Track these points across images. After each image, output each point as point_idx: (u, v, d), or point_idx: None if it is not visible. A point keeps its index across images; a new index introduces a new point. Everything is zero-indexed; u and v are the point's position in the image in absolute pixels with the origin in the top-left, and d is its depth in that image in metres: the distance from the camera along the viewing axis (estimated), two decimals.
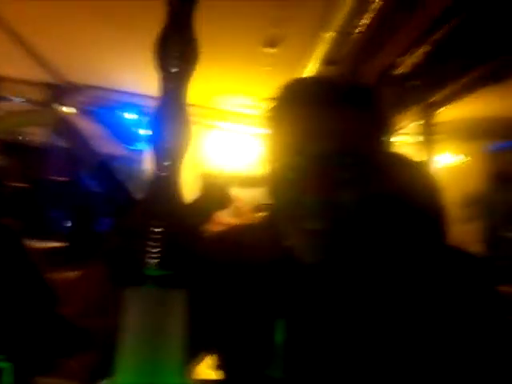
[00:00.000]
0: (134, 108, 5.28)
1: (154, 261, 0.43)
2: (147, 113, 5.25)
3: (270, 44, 3.35)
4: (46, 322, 0.87)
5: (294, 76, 0.82)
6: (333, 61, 3.28)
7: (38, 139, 5.81)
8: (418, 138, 3.71)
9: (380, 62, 3.47)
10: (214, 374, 0.92)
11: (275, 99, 0.76)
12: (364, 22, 2.94)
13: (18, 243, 0.96)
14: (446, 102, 3.67)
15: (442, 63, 3.28)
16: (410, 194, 0.77)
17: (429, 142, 3.65)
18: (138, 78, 4.68)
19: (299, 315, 0.74)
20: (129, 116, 5.41)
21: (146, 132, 5.12)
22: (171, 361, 0.44)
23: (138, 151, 5.59)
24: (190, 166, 0.45)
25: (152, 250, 0.43)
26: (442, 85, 3.47)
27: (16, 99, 4.62)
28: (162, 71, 0.40)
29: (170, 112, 0.41)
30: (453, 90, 3.57)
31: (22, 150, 6.26)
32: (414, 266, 0.72)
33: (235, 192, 5.08)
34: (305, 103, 0.71)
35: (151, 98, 5.01)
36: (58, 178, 5.57)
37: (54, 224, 5.16)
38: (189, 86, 0.41)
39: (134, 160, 5.27)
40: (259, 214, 5.27)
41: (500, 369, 0.68)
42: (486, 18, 2.53)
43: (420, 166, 0.90)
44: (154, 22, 0.49)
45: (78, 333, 0.88)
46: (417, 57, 3.30)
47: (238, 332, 0.79)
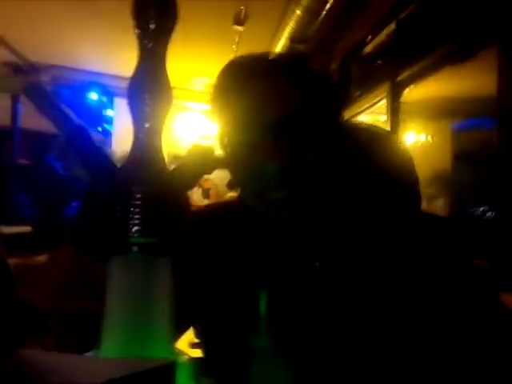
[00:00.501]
0: (99, 88, 5.15)
1: (136, 228, 0.42)
2: (112, 93, 5.14)
3: (239, 22, 3.32)
4: (2, 302, 0.86)
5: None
6: (301, 39, 3.27)
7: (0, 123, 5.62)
8: (385, 117, 3.76)
9: (347, 41, 3.48)
10: (192, 352, 0.93)
11: (220, 78, 0.77)
12: (331, 0, 2.93)
13: None
14: (412, 80, 3.71)
15: (408, 42, 3.32)
16: (384, 162, 0.78)
17: (395, 121, 3.70)
18: (103, 56, 4.57)
19: (281, 284, 0.75)
20: (93, 96, 5.28)
21: (111, 113, 5.02)
22: (158, 329, 0.44)
23: (104, 133, 5.48)
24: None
25: (134, 217, 0.42)
26: (408, 64, 3.51)
27: None
28: (140, 28, 0.39)
29: (149, 72, 0.40)
30: (419, 69, 3.61)
31: None
32: (391, 230, 0.74)
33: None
34: (247, 77, 0.73)
35: (116, 77, 4.90)
36: (22, 162, 5.41)
37: (20, 209, 5.02)
38: (168, 45, 0.40)
39: (101, 142, 5.16)
40: (229, 194, 5.28)
41: (477, 328, 0.70)
42: None
43: (393, 137, 0.92)
44: (118, 1, 0.48)
45: (34, 313, 0.87)
46: (383, 35, 3.33)
47: (221, 304, 0.79)
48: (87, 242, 0.75)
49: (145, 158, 0.42)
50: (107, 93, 5.28)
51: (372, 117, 4.09)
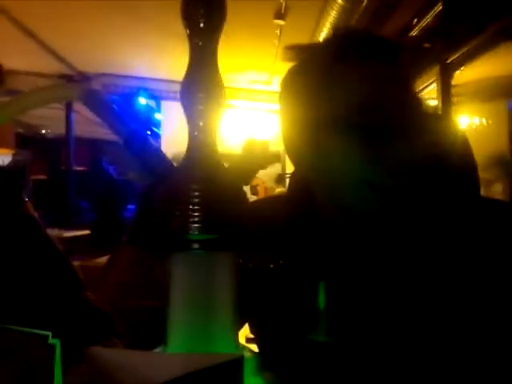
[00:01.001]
0: (147, 93, 5.28)
1: (196, 225, 0.43)
2: (159, 97, 5.25)
3: (280, 16, 3.31)
4: (70, 306, 0.89)
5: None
6: (344, 29, 3.22)
7: (56, 132, 5.87)
8: (435, 101, 3.64)
9: (392, 26, 3.39)
10: (249, 347, 0.93)
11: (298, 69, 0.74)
12: None
13: (38, 230, 0.97)
14: (463, 62, 3.58)
15: (456, 21, 3.20)
16: (443, 147, 0.75)
17: (447, 105, 3.58)
18: (149, 62, 4.68)
19: (340, 277, 0.74)
20: (142, 101, 5.42)
21: (159, 116, 5.13)
22: (222, 324, 0.45)
23: (153, 136, 5.61)
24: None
25: (194, 214, 0.43)
26: (457, 44, 3.38)
27: None
28: (190, 28, 0.40)
29: (201, 70, 0.41)
30: (470, 49, 3.48)
31: (41, 143, 6.34)
32: (451, 220, 0.71)
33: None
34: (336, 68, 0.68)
35: (163, 81, 5.01)
36: (79, 169, 5.64)
37: (78, 214, 5.24)
38: (217, 43, 0.41)
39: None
40: (277, 190, 5.28)
41: None
42: None
43: (445, 119, 0.89)
44: (161, 8, 0.48)
45: (103, 317, 0.89)
46: (430, 17, 3.22)
47: (279, 298, 0.79)
48: (146, 240, 0.76)
49: (201, 156, 0.43)
50: (154, 97, 5.41)
51: None
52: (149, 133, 5.73)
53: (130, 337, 0.84)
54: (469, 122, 4.68)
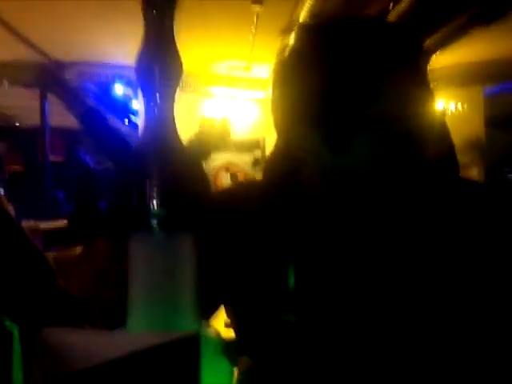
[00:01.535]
0: (124, 81, 5.20)
1: (156, 202, 0.42)
2: (137, 85, 5.18)
3: (257, 1, 3.28)
4: (42, 293, 0.88)
5: (281, 34, 0.78)
6: (322, 14, 3.21)
7: (31, 123, 5.76)
8: None
9: (369, 12, 3.39)
10: (227, 332, 0.94)
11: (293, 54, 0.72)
12: None
13: (11, 222, 0.96)
14: (438, 47, 3.60)
15: (431, 8, 3.21)
16: (418, 128, 0.75)
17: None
18: (125, 49, 4.59)
19: (311, 258, 0.74)
20: (119, 90, 5.34)
21: (137, 105, 5.05)
22: (181, 302, 0.44)
23: (130, 125, 5.54)
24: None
25: (154, 191, 0.42)
26: (432, 30, 3.40)
27: (5, 82, 4.56)
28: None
29: (156, 44, 0.40)
30: (444, 35, 3.50)
31: (16, 133, 6.22)
32: (431, 201, 0.71)
33: (231, 157, 5.06)
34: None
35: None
36: (55, 159, 5.55)
37: (55, 204, 5.16)
38: (175, 15, 0.40)
39: (130, 134, 5.23)
40: (258, 177, 5.27)
41: None
42: None
43: (427, 103, 0.88)
44: None
45: (75, 304, 0.89)
46: (405, 3, 3.22)
47: (250, 281, 0.79)
48: (116, 229, 0.76)
49: (157, 132, 0.42)
50: (132, 85, 5.33)
51: None
52: (126, 122, 5.66)
53: (102, 324, 0.84)
54: (445, 106, 4.73)
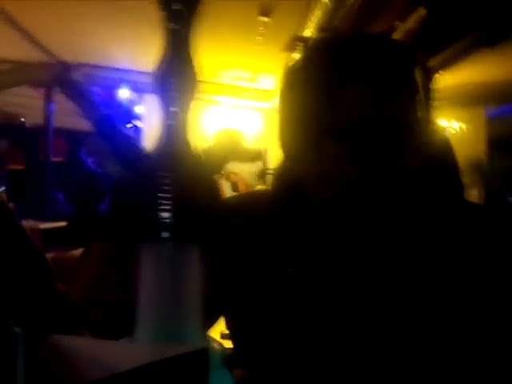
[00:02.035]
0: (129, 85, 5.22)
1: (166, 214, 0.43)
2: (142, 89, 5.20)
3: (264, 12, 3.30)
4: (40, 296, 0.88)
5: (285, 49, 0.79)
6: (328, 28, 3.23)
7: (34, 121, 5.77)
8: None
9: (376, 28, 3.42)
10: (223, 342, 0.94)
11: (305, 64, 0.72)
12: None
13: (11, 219, 0.96)
14: (442, 66, 3.63)
15: (438, 27, 3.24)
16: (425, 150, 0.76)
17: (427, 108, 3.62)
18: (132, 54, 4.62)
19: (312, 267, 0.74)
20: (124, 94, 5.35)
21: (141, 110, 5.06)
22: (189, 315, 0.45)
23: (134, 129, 5.55)
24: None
25: (164, 203, 0.42)
26: (438, 49, 3.43)
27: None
28: (164, 10, 0.39)
29: (175, 56, 0.40)
30: (450, 55, 3.53)
31: (19, 131, 6.22)
32: (434, 219, 0.72)
33: (232, 166, 5.07)
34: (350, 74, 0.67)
35: (146, 74, 4.95)
36: (56, 159, 5.54)
37: (55, 205, 5.16)
38: (193, 28, 0.40)
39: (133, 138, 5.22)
40: (258, 187, 5.28)
41: None
42: None
43: (432, 124, 0.89)
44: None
45: (74, 308, 0.89)
46: (412, 21, 3.25)
47: (251, 292, 0.79)
48: (118, 233, 0.76)
49: (172, 143, 0.43)
50: (137, 90, 5.34)
51: None
52: (130, 126, 5.67)
53: (101, 329, 0.83)
54: (448, 126, 4.75)
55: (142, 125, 5.53)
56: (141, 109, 5.66)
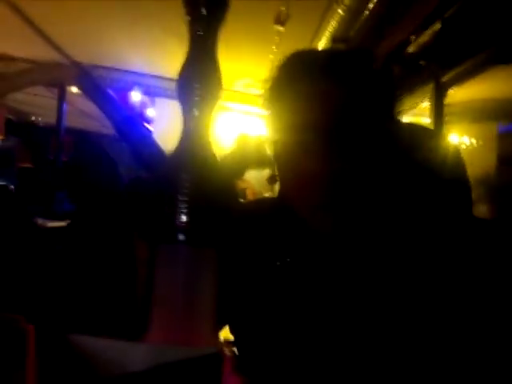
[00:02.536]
0: (141, 88, 5.26)
1: (184, 216, 0.42)
2: (154, 93, 5.24)
3: (280, 22, 3.32)
4: (55, 292, 0.88)
5: None
6: (342, 39, 3.24)
7: (46, 120, 5.81)
8: (427, 119, 3.68)
9: (390, 41, 3.42)
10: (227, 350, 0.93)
11: (276, 77, 0.78)
12: None
13: (29, 218, 0.97)
14: (456, 82, 3.62)
15: (453, 42, 3.24)
16: (435, 164, 0.76)
17: (439, 123, 3.61)
18: (145, 58, 4.66)
19: (316, 287, 0.74)
20: (135, 97, 5.39)
21: (153, 113, 5.10)
22: (202, 318, 0.44)
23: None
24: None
25: (182, 205, 0.42)
26: (452, 64, 3.42)
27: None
28: (191, 14, 0.40)
29: (199, 60, 0.40)
30: (463, 70, 3.52)
31: (31, 130, 6.27)
32: (441, 237, 0.71)
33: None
34: (305, 78, 0.72)
35: (158, 78, 4.99)
36: (63, 159, 5.57)
37: (63, 204, 5.17)
38: (218, 34, 0.41)
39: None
40: (265, 194, 5.27)
41: None
42: None
43: (439, 135, 0.90)
44: (162, 4, 0.48)
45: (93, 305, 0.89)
46: (428, 35, 3.25)
47: (256, 304, 0.79)
48: (134, 226, 0.76)
49: (193, 146, 0.42)
50: (149, 93, 5.38)
51: (414, 119, 4.01)
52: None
53: (112, 326, 0.83)
54: (459, 141, 4.74)
55: (153, 128, 5.57)
56: (152, 112, 5.69)
